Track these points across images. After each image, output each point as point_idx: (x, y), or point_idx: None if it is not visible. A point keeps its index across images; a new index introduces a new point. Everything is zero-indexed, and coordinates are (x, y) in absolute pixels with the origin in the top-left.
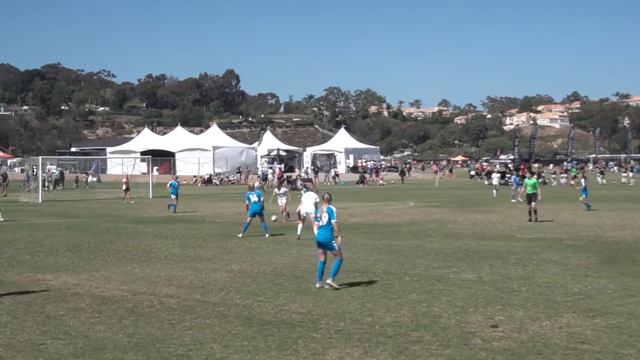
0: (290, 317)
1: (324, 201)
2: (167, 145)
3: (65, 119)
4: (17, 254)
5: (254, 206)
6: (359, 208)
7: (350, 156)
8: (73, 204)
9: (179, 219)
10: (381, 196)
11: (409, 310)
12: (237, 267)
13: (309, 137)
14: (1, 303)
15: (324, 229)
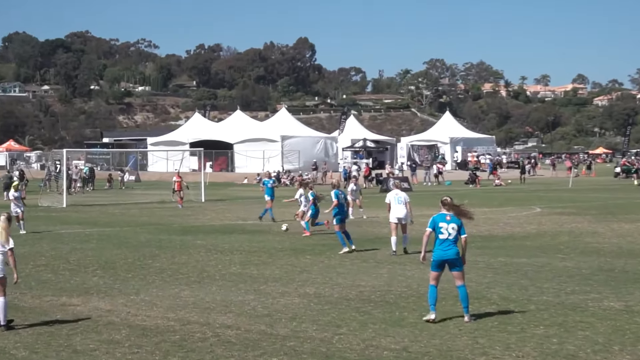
0: (380, 355)
1: (444, 207)
2: (224, 135)
3: (95, 102)
4: (37, 272)
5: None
6: None
7: (457, 148)
8: (105, 209)
9: (239, 229)
10: (498, 200)
11: (534, 348)
12: (312, 291)
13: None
14: (17, 334)
15: (450, 243)
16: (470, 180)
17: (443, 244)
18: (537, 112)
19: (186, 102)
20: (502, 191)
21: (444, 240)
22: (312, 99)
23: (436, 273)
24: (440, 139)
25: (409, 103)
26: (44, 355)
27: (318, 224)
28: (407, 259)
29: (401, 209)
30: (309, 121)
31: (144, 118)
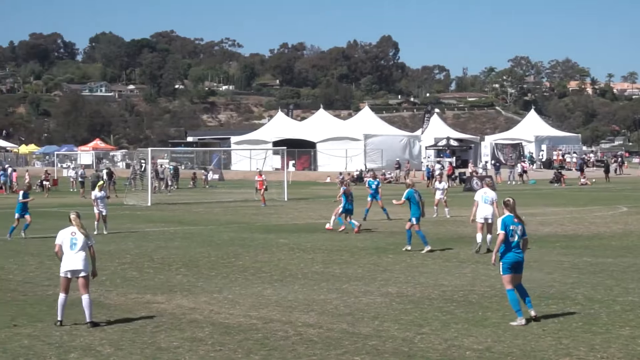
0: (462, 354)
1: (507, 208)
2: (306, 134)
3: (179, 101)
4: (122, 270)
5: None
6: (554, 215)
7: (542, 147)
8: (189, 208)
9: (321, 228)
10: (583, 199)
11: (619, 349)
12: (394, 290)
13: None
14: (103, 331)
15: (518, 245)
16: (555, 179)
17: (515, 247)
18: (624, 110)
19: (269, 101)
20: (588, 190)
21: (513, 243)
22: (395, 98)
23: (510, 276)
24: (524, 137)
25: (493, 101)
26: (128, 352)
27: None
28: (490, 259)
29: (488, 208)
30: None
31: (228, 117)
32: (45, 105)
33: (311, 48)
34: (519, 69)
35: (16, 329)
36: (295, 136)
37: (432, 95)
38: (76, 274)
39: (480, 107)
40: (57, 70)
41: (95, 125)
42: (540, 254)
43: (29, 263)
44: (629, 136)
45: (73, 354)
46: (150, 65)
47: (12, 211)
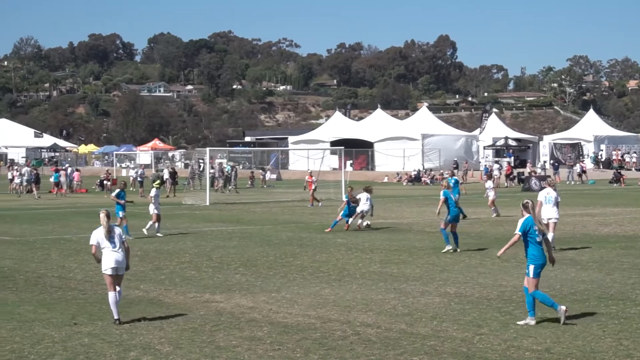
0: (522, 355)
1: (526, 210)
2: (364, 134)
3: (237, 101)
4: (181, 269)
5: (453, 211)
6: (614, 215)
7: (601, 146)
8: (247, 208)
9: (380, 227)
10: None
11: None
12: (453, 290)
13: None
14: (162, 329)
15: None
16: (614, 179)
17: (542, 248)
18: None
19: (327, 101)
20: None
21: (539, 244)
22: (452, 97)
23: (539, 279)
24: (583, 137)
25: (551, 101)
26: (187, 350)
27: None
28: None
29: (551, 208)
30: (449, 119)
31: (285, 117)
32: (104, 105)
33: (368, 48)
34: (578, 68)
35: (77, 327)
36: (352, 136)
37: (490, 95)
38: (119, 271)
39: (538, 106)
40: (116, 71)
41: (153, 125)
42: (600, 255)
43: (89, 262)
44: None
45: (132, 353)
46: (208, 65)
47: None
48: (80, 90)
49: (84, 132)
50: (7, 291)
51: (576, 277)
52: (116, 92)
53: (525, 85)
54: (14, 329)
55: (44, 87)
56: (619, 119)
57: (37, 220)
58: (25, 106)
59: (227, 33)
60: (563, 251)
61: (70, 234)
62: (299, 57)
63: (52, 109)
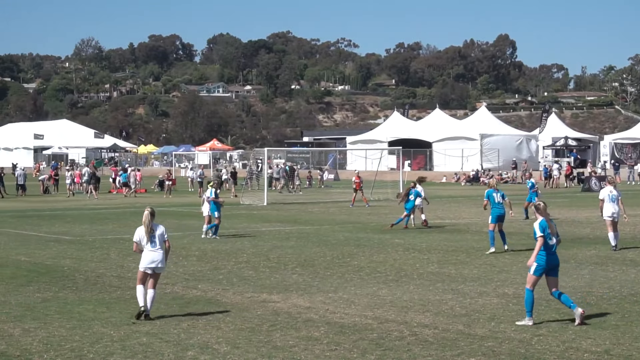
0: (580, 357)
1: (538, 212)
2: (422, 133)
3: (296, 102)
4: (238, 269)
5: (496, 210)
6: None
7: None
8: (305, 208)
9: (437, 228)
10: None
11: None
12: (511, 291)
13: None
14: (219, 329)
15: (555, 249)
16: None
17: (554, 250)
18: None
19: (385, 101)
20: None
21: (552, 246)
22: (512, 97)
23: (538, 278)
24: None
25: (612, 100)
26: (245, 350)
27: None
28: (609, 260)
29: (614, 206)
30: (508, 119)
31: (344, 117)
32: (163, 106)
33: (427, 47)
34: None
35: (135, 326)
36: (410, 136)
37: (549, 95)
38: (156, 270)
39: (599, 106)
40: (176, 72)
41: (212, 125)
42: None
43: None
44: None
45: (190, 352)
46: (267, 65)
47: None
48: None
49: (143, 133)
50: (67, 290)
51: (636, 278)
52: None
53: (586, 85)
54: (73, 328)
55: (105, 88)
56: None
57: (97, 220)
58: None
59: (286, 33)
60: (624, 251)
61: (129, 234)
62: (358, 57)
63: (112, 109)
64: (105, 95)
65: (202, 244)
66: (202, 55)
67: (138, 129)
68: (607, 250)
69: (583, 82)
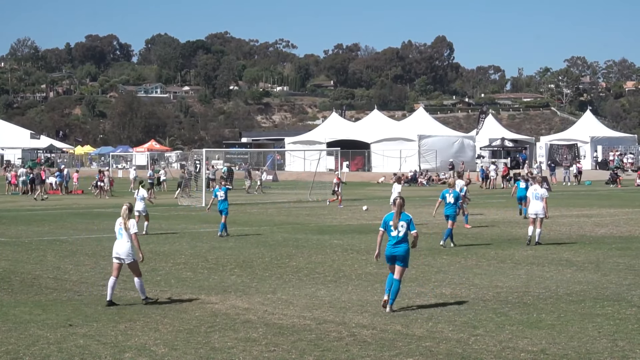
0: (517, 357)
1: (394, 206)
2: (361, 134)
3: (234, 102)
4: (176, 270)
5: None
6: (610, 216)
7: (598, 148)
8: (243, 209)
9: (375, 228)
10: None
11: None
12: (448, 291)
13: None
14: (157, 330)
15: (399, 240)
16: (610, 180)
17: (397, 242)
18: None
19: (324, 102)
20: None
21: (397, 238)
22: (449, 98)
23: (389, 266)
24: (580, 138)
25: (548, 102)
26: (183, 352)
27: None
28: (545, 260)
29: (538, 204)
30: (446, 120)
31: (282, 118)
32: (101, 106)
33: (365, 49)
34: (575, 69)
35: (72, 328)
36: (349, 137)
37: (486, 96)
38: (123, 260)
39: (535, 107)
40: (113, 72)
41: (150, 126)
42: (596, 256)
43: (85, 263)
44: None
45: (128, 354)
46: (205, 66)
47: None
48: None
49: (80, 134)
50: (2, 292)
51: (572, 278)
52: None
53: (522, 86)
54: (9, 331)
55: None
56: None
57: (33, 222)
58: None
59: (224, 34)
60: (560, 251)
61: (66, 235)
62: (296, 58)
63: (49, 110)
64: (42, 95)
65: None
66: (139, 55)
67: (75, 129)
68: (543, 250)
69: (519, 84)
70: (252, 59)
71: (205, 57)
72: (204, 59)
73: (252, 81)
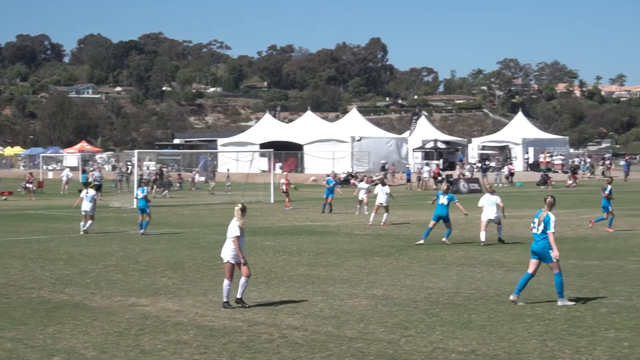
0: (447, 357)
1: (547, 205)
2: (294, 136)
3: (167, 103)
4: (107, 272)
5: (439, 209)
6: None
7: (529, 149)
8: (175, 210)
9: (308, 230)
10: (571, 201)
11: (604, 352)
12: (380, 293)
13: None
14: (86, 333)
15: (540, 237)
16: (541, 182)
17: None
18: (611, 112)
19: (257, 103)
20: (575, 193)
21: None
22: (383, 100)
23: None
24: (512, 139)
25: (480, 103)
26: (112, 355)
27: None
28: (476, 261)
29: (493, 210)
30: (379, 122)
31: (215, 119)
32: (31, 107)
33: (299, 50)
34: (507, 71)
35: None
36: (282, 138)
37: (420, 98)
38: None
39: (468, 109)
40: (44, 72)
41: (81, 127)
42: (527, 257)
43: (13, 266)
44: (617, 139)
45: (56, 357)
46: (138, 67)
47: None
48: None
49: (10, 134)
50: None
51: (503, 278)
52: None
53: (455, 88)
54: None
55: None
56: (547, 122)
57: None
58: None
59: (158, 34)
60: (490, 252)
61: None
62: (230, 59)
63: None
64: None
65: (70, 247)
66: (71, 55)
67: (4, 130)
68: (474, 251)
69: (452, 86)
70: (186, 60)
71: (138, 57)
72: (136, 60)
73: (185, 82)
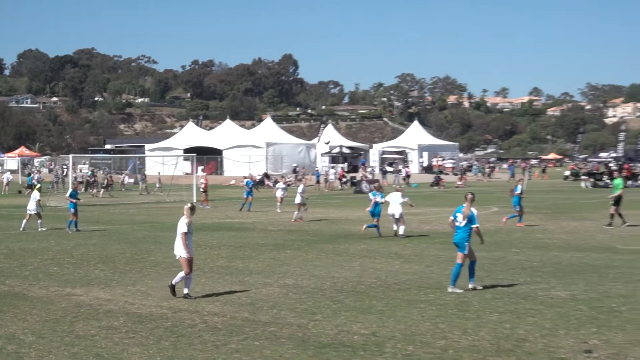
0: (351, 339)
1: (468, 202)
2: (214, 142)
3: (99, 112)
4: (44, 265)
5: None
6: (434, 214)
7: (424, 154)
8: (107, 209)
9: (227, 226)
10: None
11: (488, 333)
12: (291, 282)
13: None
14: (25, 320)
15: (462, 229)
16: (434, 183)
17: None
18: (496, 121)
19: (181, 112)
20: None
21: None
22: (294, 110)
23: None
24: (409, 145)
25: (381, 113)
26: (49, 340)
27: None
28: (377, 253)
29: (397, 206)
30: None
31: (143, 127)
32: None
33: (219, 65)
34: (405, 85)
35: None
36: (204, 144)
37: (327, 108)
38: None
39: (370, 118)
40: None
41: (21, 133)
42: (421, 249)
43: None
44: (501, 145)
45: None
46: (73, 79)
47: None
48: None
49: None
50: None
51: (400, 269)
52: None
53: (359, 99)
54: None
55: None
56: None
57: None
58: None
59: (91, 50)
60: (390, 245)
61: None
62: (156, 73)
63: None
64: None
65: (11, 242)
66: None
67: None
68: (375, 244)
69: (356, 97)
70: (116, 73)
71: (73, 70)
72: (71, 73)
73: (116, 93)
